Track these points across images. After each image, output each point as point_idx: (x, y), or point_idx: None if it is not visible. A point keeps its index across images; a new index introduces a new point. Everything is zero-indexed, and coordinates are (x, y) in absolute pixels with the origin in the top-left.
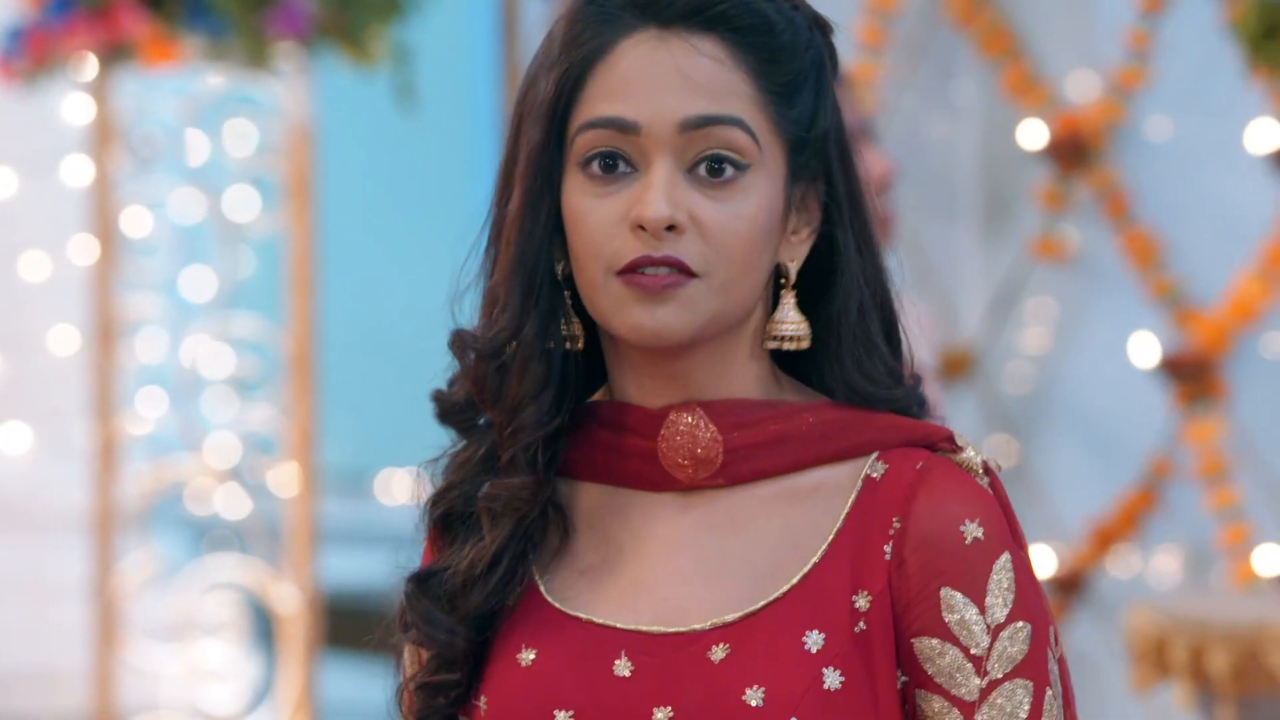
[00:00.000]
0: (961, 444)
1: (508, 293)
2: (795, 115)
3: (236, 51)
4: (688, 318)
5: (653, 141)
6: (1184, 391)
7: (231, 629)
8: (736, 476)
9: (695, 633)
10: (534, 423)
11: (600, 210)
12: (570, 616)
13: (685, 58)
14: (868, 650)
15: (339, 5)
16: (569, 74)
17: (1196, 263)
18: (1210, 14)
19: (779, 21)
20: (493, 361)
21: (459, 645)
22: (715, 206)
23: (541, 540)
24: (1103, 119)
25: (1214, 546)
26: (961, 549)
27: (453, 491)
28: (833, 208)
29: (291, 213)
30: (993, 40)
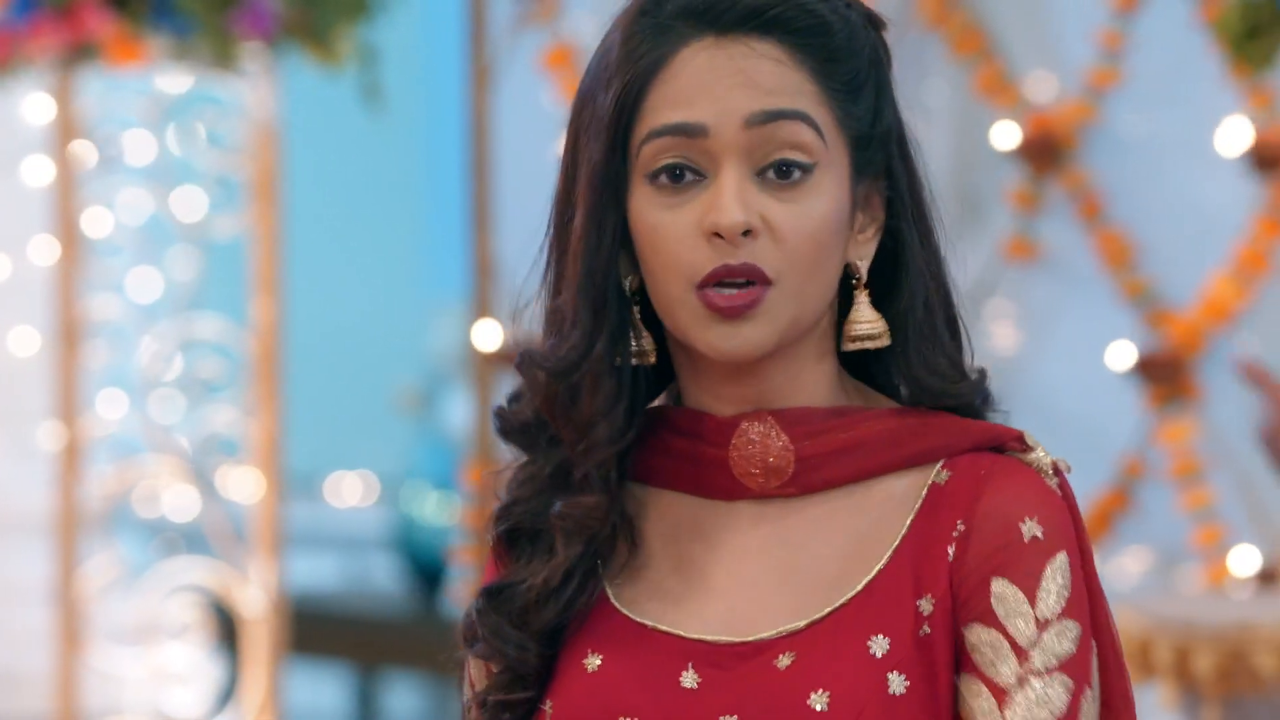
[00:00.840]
0: (1031, 444)
1: (576, 311)
2: (858, 112)
3: (201, 51)
4: (768, 331)
5: (720, 144)
6: (1157, 392)
7: (195, 632)
8: (808, 485)
9: (761, 642)
10: (607, 439)
11: (673, 222)
12: (638, 624)
13: (746, 60)
14: (931, 654)
15: (305, 5)
16: (629, 87)
17: (1169, 263)
18: (1183, 13)
19: (835, 21)
20: (564, 380)
21: (530, 661)
22: (786, 209)
23: (611, 549)
24: (1075, 119)
25: (1187, 547)
26: (1019, 544)
27: (519, 507)
28: (896, 203)
29: (256, 213)
30: (964, 41)
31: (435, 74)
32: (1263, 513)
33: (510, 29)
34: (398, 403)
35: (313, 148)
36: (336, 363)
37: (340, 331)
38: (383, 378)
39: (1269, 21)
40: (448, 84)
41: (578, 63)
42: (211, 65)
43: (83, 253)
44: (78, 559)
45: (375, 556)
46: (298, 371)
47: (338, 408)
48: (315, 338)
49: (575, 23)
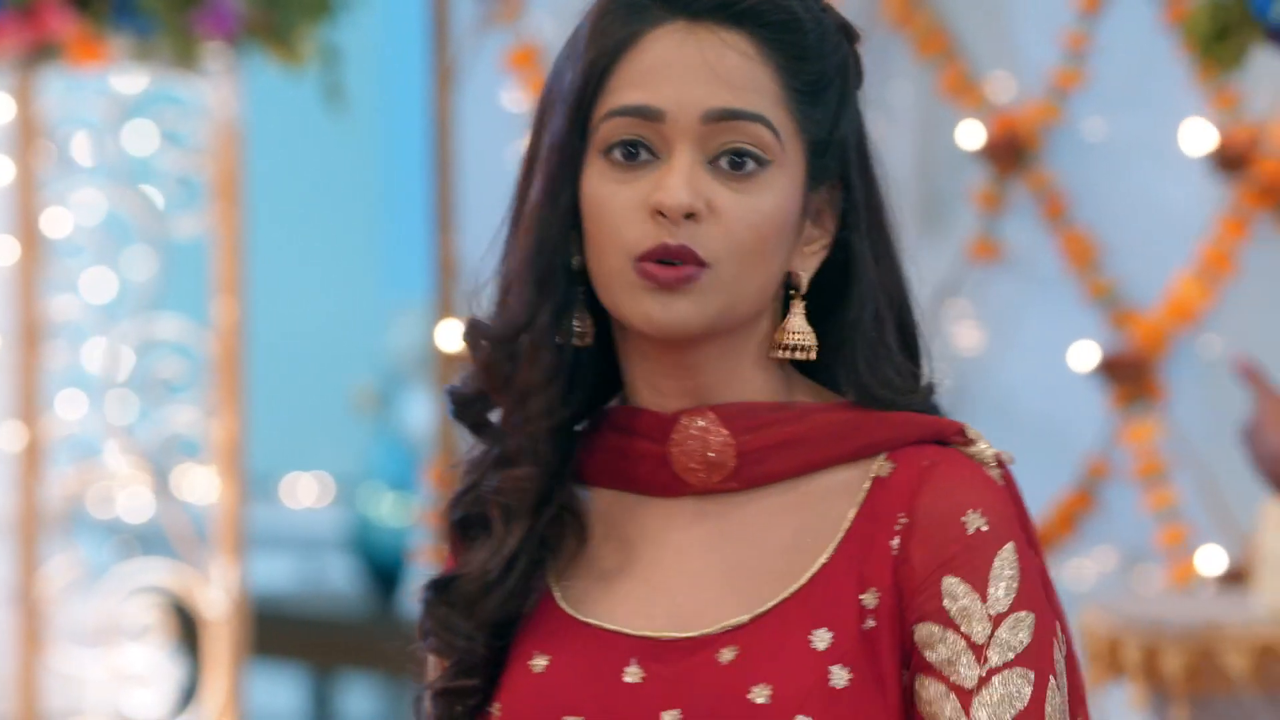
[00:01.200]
0: (973, 436)
1: (522, 280)
2: (818, 115)
3: (163, 51)
4: (698, 309)
5: (676, 130)
6: (1121, 393)
7: (156, 633)
8: (749, 479)
9: (704, 637)
10: (540, 412)
11: (620, 196)
12: (583, 624)
13: (713, 50)
14: (875, 647)
15: (267, 5)
16: (596, 64)
17: (1134, 264)
18: (1147, 14)
19: (808, 20)
20: (504, 348)
21: (478, 651)
22: (734, 198)
23: (558, 547)
24: (1039, 120)
25: (1152, 548)
26: (964, 538)
27: (469, 494)
28: (850, 213)
29: (218, 213)
30: (929, 41)
31: (397, 74)
32: (1226, 513)
33: (473, 29)
34: (355, 403)
35: (274, 148)
36: (292, 363)
37: (296, 332)
38: (339, 378)
39: (1238, 22)
40: (410, 84)
41: (541, 63)
42: (173, 65)
43: (43, 253)
44: (38, 560)
45: (331, 558)
46: (253, 372)
47: (293, 408)
48: (270, 338)
49: (538, 23)
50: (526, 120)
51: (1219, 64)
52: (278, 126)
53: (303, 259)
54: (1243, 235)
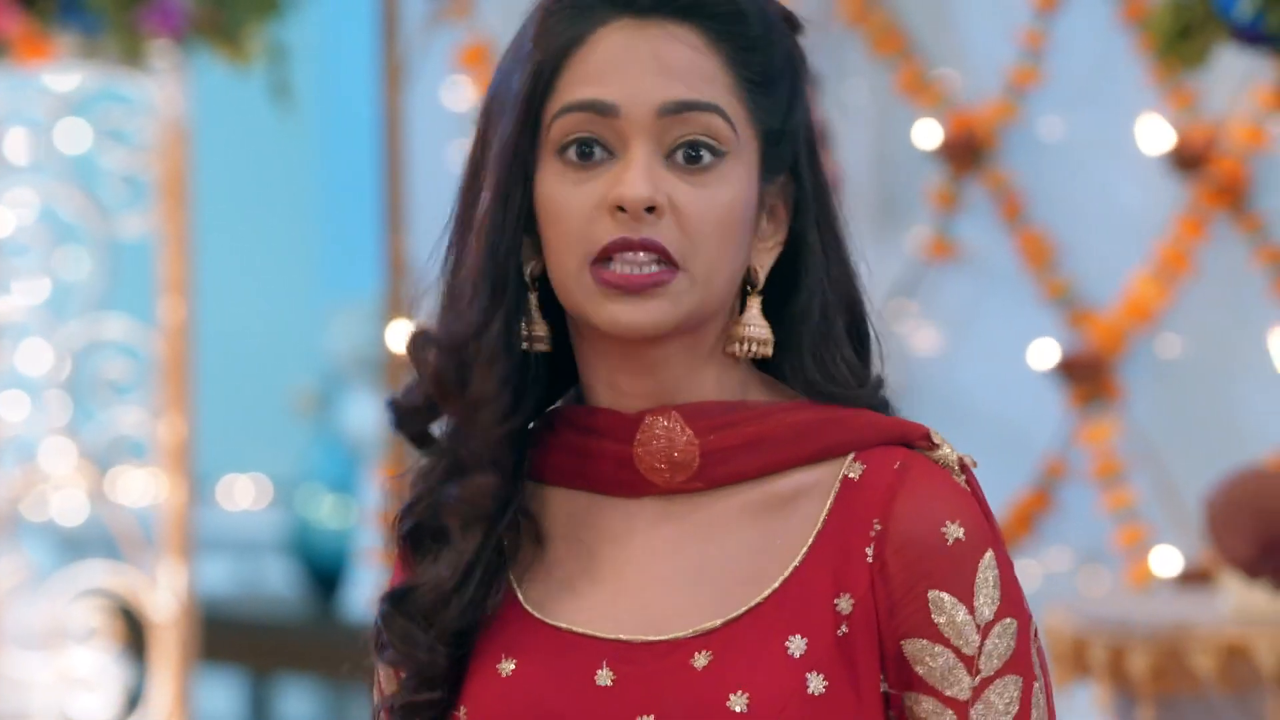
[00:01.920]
0: (937, 441)
1: (475, 287)
2: (770, 105)
3: (110, 49)
4: (669, 310)
5: (631, 125)
6: (1079, 393)
7: (102, 636)
8: (714, 479)
9: (676, 641)
10: (496, 419)
11: (577, 196)
12: (550, 626)
13: (662, 44)
14: (850, 653)
15: (215, 3)
16: (544, 64)
17: (1091, 263)
18: (1103, 13)
19: (752, 12)
20: (455, 357)
21: (439, 663)
22: (693, 192)
23: (516, 549)
24: (996, 119)
25: (1108, 548)
26: (945, 549)
27: (420, 504)
28: (801, 205)
29: (164, 212)
30: (884, 40)
31: (341, 71)
32: (1183, 514)
33: (423, 26)
34: (294, 404)
35: (217, 146)
36: (229, 363)
37: (233, 332)
38: (276, 379)
39: (1202, 21)
40: (355, 81)
41: (493, 60)
42: (120, 63)
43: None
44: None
45: (269, 560)
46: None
47: (230, 409)
48: (207, 338)
49: (490, 20)
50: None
51: (1182, 62)
52: (221, 125)
53: (240, 258)
54: (1200, 235)
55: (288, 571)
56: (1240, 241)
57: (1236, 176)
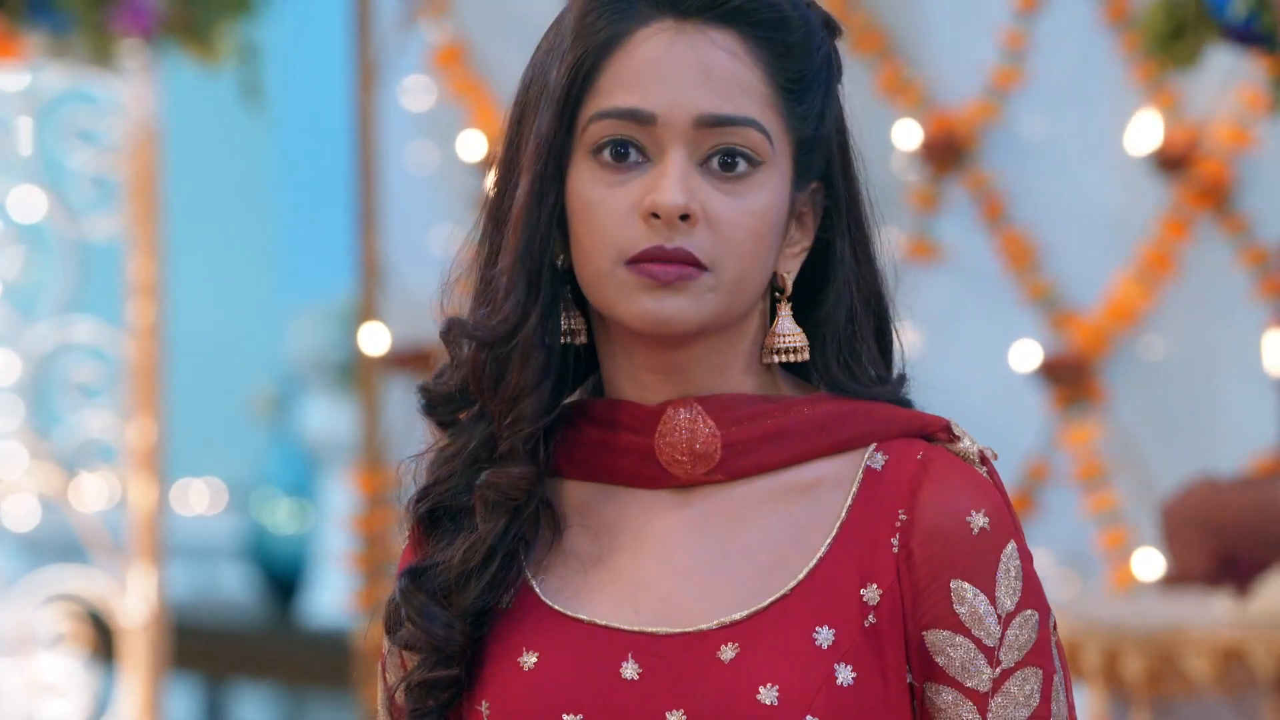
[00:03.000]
0: (958, 434)
1: (511, 281)
2: (804, 112)
3: (80, 48)
4: (695, 308)
5: (668, 132)
6: (1061, 395)
7: (71, 642)
8: (735, 471)
9: (702, 633)
10: (534, 413)
11: (612, 199)
12: (570, 618)
13: (703, 50)
14: (878, 644)
15: (186, 2)
16: (582, 62)
17: (1073, 264)
18: (1085, 13)
19: (795, 17)
20: (494, 350)
21: (456, 639)
22: (727, 200)
23: (534, 539)
24: (977, 119)
25: (1093, 551)
26: (969, 540)
27: (440, 486)
28: (831, 211)
29: (134, 214)
30: (865, 39)
31: (320, 72)
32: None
33: (397, 26)
34: (252, 407)
35: (186, 147)
36: (184, 366)
37: (189, 334)
38: (232, 381)
39: (1194, 21)
40: (318, 81)
41: (468, 61)
42: (89, 63)
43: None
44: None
45: (225, 565)
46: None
47: (184, 412)
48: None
49: (465, 19)
50: (451, 120)
51: (1174, 62)
52: (189, 126)
53: (199, 260)
54: (1183, 236)
55: (244, 577)
56: (1224, 243)
57: (1220, 177)
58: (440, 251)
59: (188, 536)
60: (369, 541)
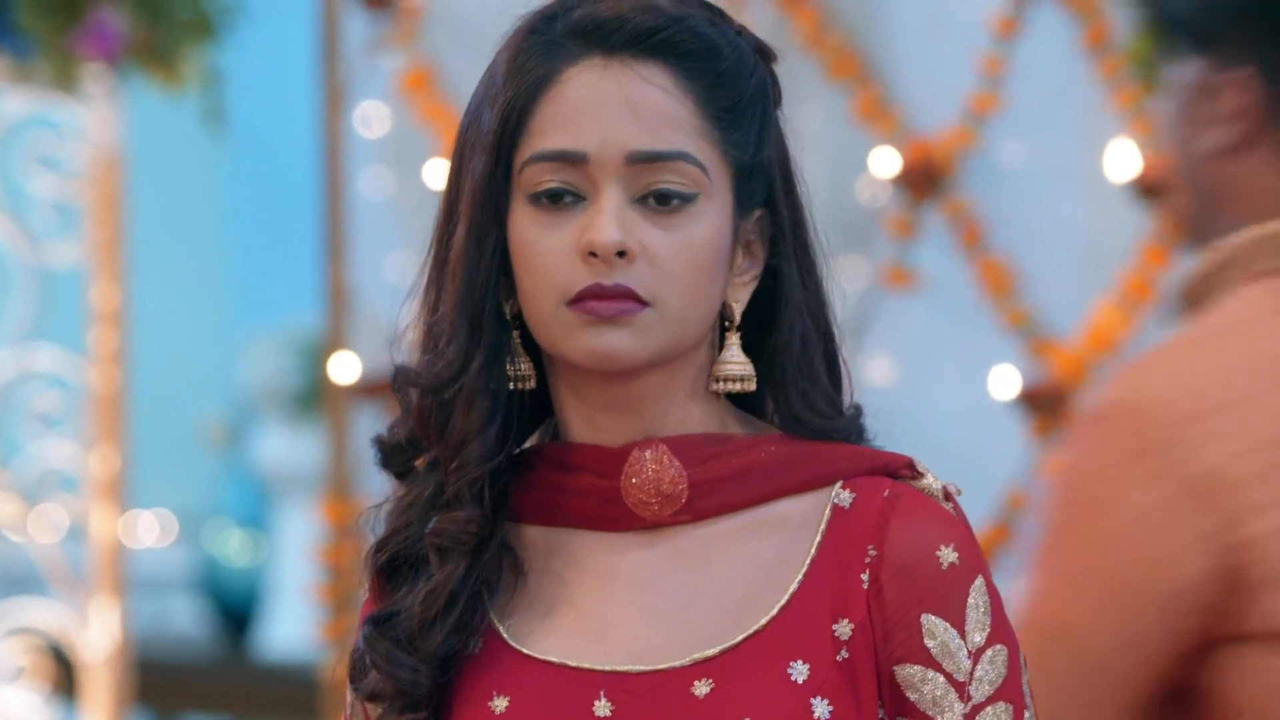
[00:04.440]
0: (921, 470)
1: (453, 326)
2: (739, 140)
3: (42, 73)
4: (641, 342)
5: (601, 171)
6: (1041, 424)
7: (31, 676)
8: (702, 512)
9: (674, 670)
10: (479, 458)
11: (549, 240)
12: (539, 660)
13: (631, 86)
14: (852, 678)
15: (150, 26)
16: (514, 104)
17: (1053, 292)
18: (1065, 38)
19: (724, 46)
20: (437, 396)
21: (423, 684)
22: (665, 235)
23: (496, 584)
24: (955, 145)
25: None
26: (939, 574)
27: (397, 536)
28: (777, 238)
29: (96, 240)
30: (840, 64)
31: (287, 97)
32: None
33: (365, 51)
34: (204, 437)
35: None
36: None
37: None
38: (182, 410)
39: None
40: (299, 107)
41: (436, 86)
42: (52, 87)
43: None
44: None
45: (176, 599)
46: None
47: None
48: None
49: (434, 45)
50: (423, 145)
51: (1163, 86)
52: (151, 151)
53: (150, 286)
54: (1165, 263)
55: (196, 610)
56: None
57: None
58: (405, 280)
59: (138, 569)
60: (335, 573)
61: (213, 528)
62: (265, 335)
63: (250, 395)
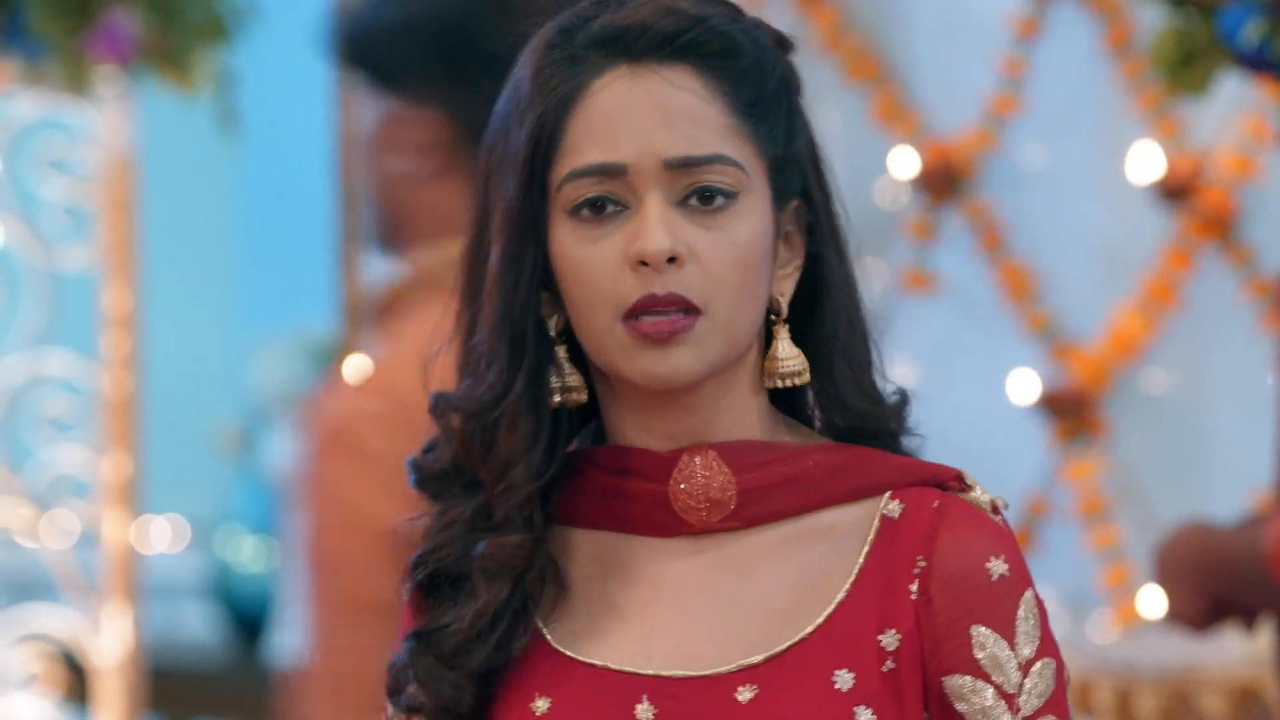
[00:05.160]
0: (970, 483)
1: (493, 349)
2: (769, 133)
3: (53, 76)
4: (697, 357)
5: (641, 179)
6: (1062, 429)
7: (43, 684)
8: (751, 518)
9: (718, 675)
10: (525, 478)
11: (597, 254)
12: (583, 664)
13: (661, 93)
14: (897, 689)
15: (162, 28)
16: (543, 122)
17: (1074, 295)
18: (1086, 39)
19: (745, 42)
20: (480, 420)
21: (465, 701)
22: (710, 236)
23: (540, 592)
24: (975, 147)
25: (1095, 588)
26: (989, 585)
27: (438, 553)
28: (816, 227)
29: (109, 244)
30: (859, 66)
31: (300, 100)
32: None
33: None
34: (217, 442)
35: (170, 176)
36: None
37: (152, 367)
38: (194, 415)
39: (1205, 47)
40: (312, 110)
41: None
42: (63, 90)
43: None
44: None
45: (188, 605)
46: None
47: (145, 447)
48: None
49: None
50: None
51: (1185, 89)
52: (162, 154)
53: (163, 290)
54: (1187, 266)
55: (208, 617)
56: (1228, 273)
57: (1224, 207)
58: None
59: (150, 575)
60: None
61: (225, 533)
62: (278, 339)
63: (263, 400)
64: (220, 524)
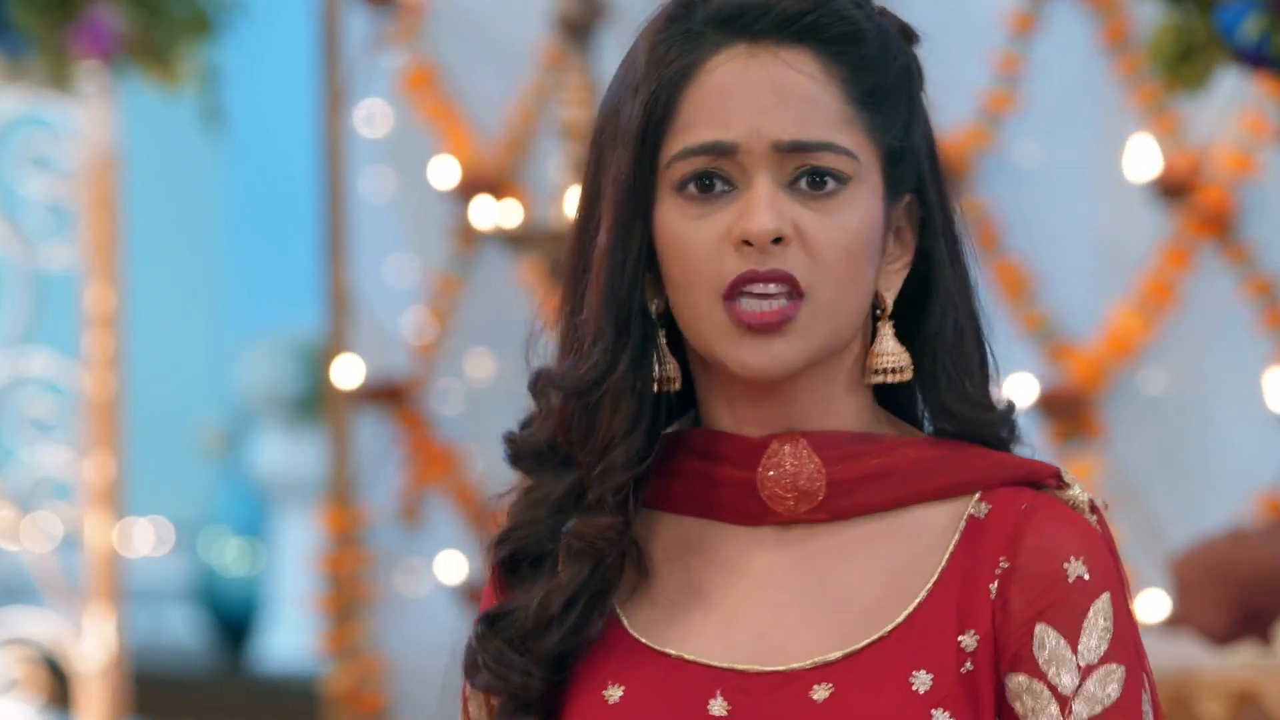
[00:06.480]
0: (1068, 480)
1: (599, 328)
2: (886, 124)
3: (36, 72)
4: (799, 348)
5: (751, 159)
6: (1058, 429)
7: (25, 688)
8: (838, 511)
9: (794, 672)
10: (625, 462)
11: (701, 231)
12: (659, 653)
13: (777, 73)
14: (974, 691)
15: (146, 23)
16: (657, 97)
17: (1070, 295)
18: (1082, 36)
19: (869, 29)
20: (583, 400)
21: (534, 686)
22: (818, 218)
23: (619, 575)
24: (971, 145)
25: None
26: (1063, 585)
27: (521, 530)
28: (929, 222)
29: (91, 242)
30: None
31: (287, 96)
32: (1168, 554)
33: (366, 48)
34: (201, 444)
35: (154, 173)
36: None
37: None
38: (179, 417)
39: (1203, 43)
40: (299, 106)
41: (439, 84)
42: (46, 86)
43: None
44: None
45: (172, 609)
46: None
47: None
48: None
49: (436, 42)
50: (417, 144)
51: (1184, 85)
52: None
53: (145, 290)
54: (1184, 265)
55: (192, 620)
56: (1226, 272)
57: (1222, 205)
58: (408, 283)
59: (133, 578)
60: (337, 582)
61: (210, 536)
62: (263, 339)
63: (248, 401)
64: (204, 527)
